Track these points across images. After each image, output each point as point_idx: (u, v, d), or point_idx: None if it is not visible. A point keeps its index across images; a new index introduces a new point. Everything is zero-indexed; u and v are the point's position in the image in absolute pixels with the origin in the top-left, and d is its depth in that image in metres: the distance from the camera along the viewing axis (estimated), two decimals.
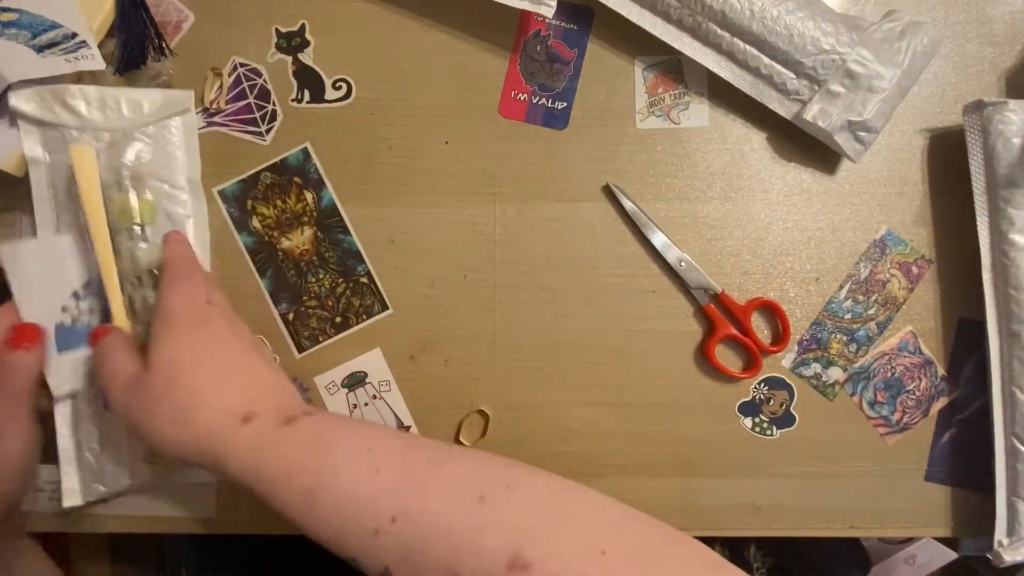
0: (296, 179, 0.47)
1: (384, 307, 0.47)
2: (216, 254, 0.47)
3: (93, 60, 0.43)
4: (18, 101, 0.42)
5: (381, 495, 0.32)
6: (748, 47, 0.43)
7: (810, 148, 0.46)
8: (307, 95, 0.47)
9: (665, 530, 0.32)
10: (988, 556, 0.43)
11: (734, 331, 0.46)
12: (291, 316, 0.47)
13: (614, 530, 0.31)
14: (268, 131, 0.47)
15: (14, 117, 0.42)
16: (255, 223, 0.47)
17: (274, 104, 0.47)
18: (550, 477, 0.34)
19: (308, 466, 0.33)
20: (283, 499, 0.33)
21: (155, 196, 0.44)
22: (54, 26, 0.43)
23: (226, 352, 0.38)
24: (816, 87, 0.42)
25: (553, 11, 0.43)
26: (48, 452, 0.44)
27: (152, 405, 0.36)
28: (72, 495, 0.44)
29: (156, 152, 0.44)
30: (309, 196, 0.47)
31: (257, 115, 0.47)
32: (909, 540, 0.74)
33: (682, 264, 0.46)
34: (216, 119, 0.47)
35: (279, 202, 0.47)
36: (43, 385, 0.43)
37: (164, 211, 0.44)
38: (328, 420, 0.37)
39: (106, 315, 0.43)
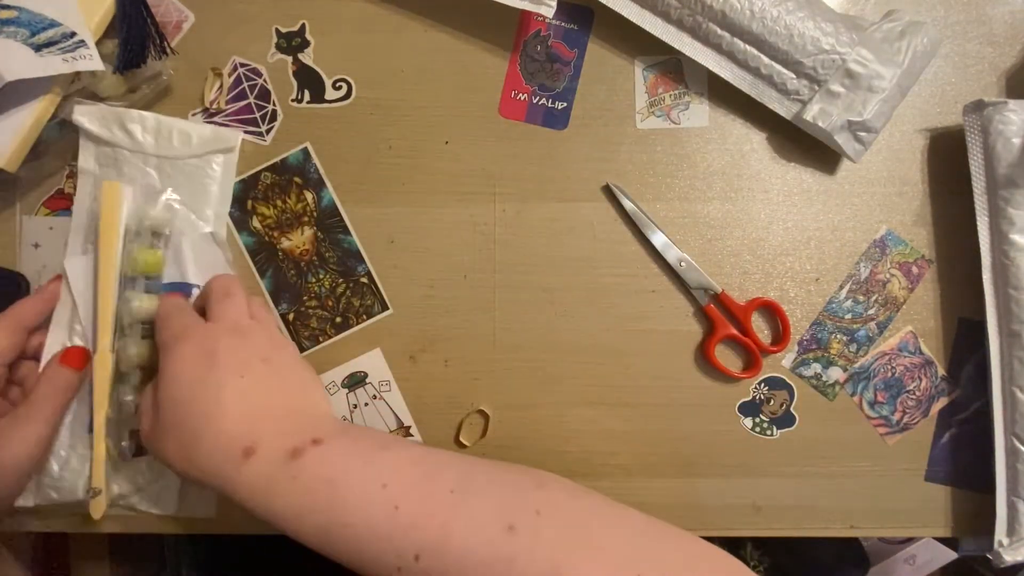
0: (296, 179, 0.47)
1: (384, 307, 0.47)
2: None
3: (91, 60, 0.43)
4: (81, 117, 0.44)
5: (401, 534, 0.30)
6: (748, 47, 0.43)
7: (810, 148, 0.46)
8: (307, 95, 0.47)
9: (700, 546, 0.31)
10: (988, 556, 0.43)
11: (734, 331, 0.46)
12: (291, 316, 0.47)
13: (648, 551, 0.31)
14: (268, 131, 0.47)
15: (7, 115, 0.43)
16: (255, 223, 0.47)
17: (274, 104, 0.47)
18: (579, 497, 0.32)
19: (319, 506, 0.32)
20: (299, 534, 0.32)
21: (182, 225, 0.45)
22: (53, 24, 0.43)
23: (219, 373, 0.35)
24: (816, 87, 0.42)
25: (553, 11, 0.43)
26: None
27: (162, 440, 0.35)
28: (25, 496, 0.44)
29: (192, 182, 0.45)
30: (309, 196, 0.47)
31: (257, 115, 0.47)
32: (909, 540, 0.74)
33: (682, 264, 0.46)
34: (216, 119, 0.47)
35: (279, 202, 0.47)
36: None
37: (188, 240, 0.45)
38: (338, 451, 0.33)
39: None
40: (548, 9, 0.43)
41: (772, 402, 0.47)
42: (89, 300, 0.44)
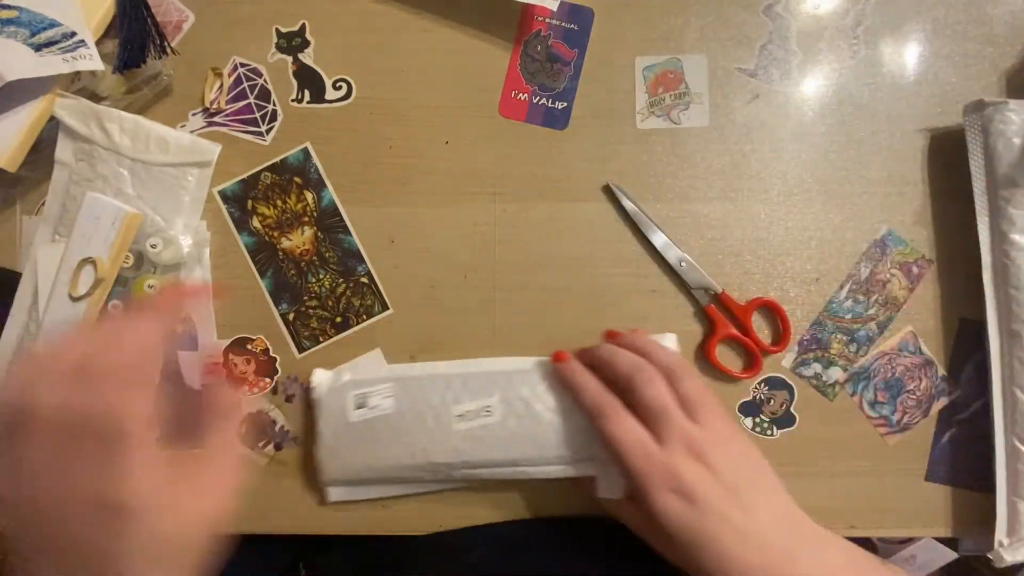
0: (296, 179, 0.47)
1: (384, 307, 0.47)
2: (217, 254, 0.47)
3: (91, 60, 0.43)
4: (62, 112, 0.44)
5: None
6: None
7: (811, 148, 0.46)
8: (307, 95, 0.47)
9: None
10: (988, 556, 0.43)
11: (734, 331, 0.46)
12: (291, 316, 0.47)
13: None
14: (268, 131, 0.47)
15: (7, 115, 0.43)
16: (255, 223, 0.47)
17: (274, 104, 0.47)
18: None
19: None
20: None
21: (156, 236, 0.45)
22: (53, 24, 0.43)
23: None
24: None
25: (558, 2, 0.44)
26: None
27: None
28: None
29: (165, 190, 0.45)
30: (309, 196, 0.47)
31: (257, 115, 0.47)
32: (909, 540, 0.73)
33: (682, 264, 0.46)
34: (216, 119, 0.47)
35: (279, 202, 0.47)
36: None
37: (154, 248, 0.45)
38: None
39: None
40: (552, 1, 0.43)
41: (772, 402, 0.47)
42: (48, 291, 0.44)
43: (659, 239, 0.46)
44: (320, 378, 0.46)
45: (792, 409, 0.46)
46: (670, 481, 0.35)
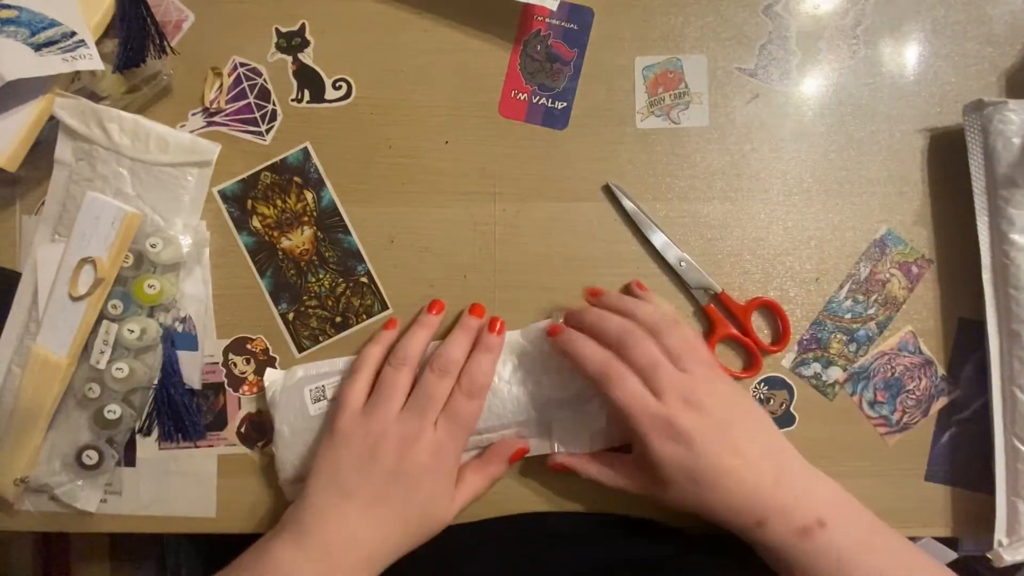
0: (296, 179, 0.47)
1: (384, 307, 0.47)
2: (216, 254, 0.47)
3: (91, 60, 0.43)
4: (62, 111, 0.44)
5: None
6: None
7: (810, 148, 0.46)
8: (307, 95, 0.47)
9: None
10: (988, 556, 0.43)
11: (734, 331, 0.46)
12: (291, 316, 0.47)
13: None
14: (268, 131, 0.47)
15: (7, 115, 0.43)
16: (255, 223, 0.47)
17: (274, 104, 0.47)
18: None
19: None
20: None
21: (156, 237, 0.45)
22: (53, 24, 0.43)
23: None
24: None
25: (557, 2, 0.44)
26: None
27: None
28: (21, 501, 0.47)
29: (164, 190, 0.45)
30: (309, 196, 0.47)
31: (257, 115, 0.47)
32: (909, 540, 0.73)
33: (682, 264, 0.46)
34: (216, 119, 0.47)
35: (279, 202, 0.47)
36: None
37: (154, 249, 0.45)
38: (842, 536, 0.38)
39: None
40: (552, 1, 0.43)
41: (772, 402, 0.47)
42: (48, 291, 0.44)
43: (659, 239, 0.46)
44: (272, 377, 0.46)
45: (792, 409, 0.46)
46: (668, 430, 0.38)
